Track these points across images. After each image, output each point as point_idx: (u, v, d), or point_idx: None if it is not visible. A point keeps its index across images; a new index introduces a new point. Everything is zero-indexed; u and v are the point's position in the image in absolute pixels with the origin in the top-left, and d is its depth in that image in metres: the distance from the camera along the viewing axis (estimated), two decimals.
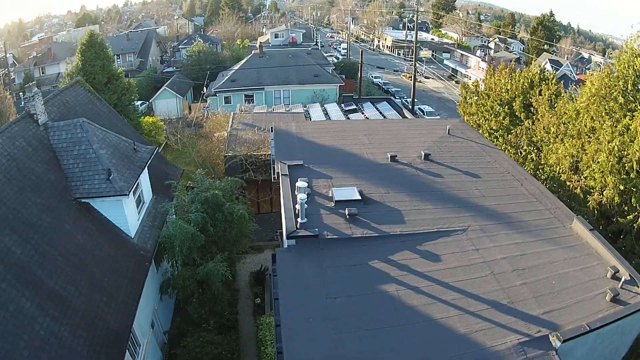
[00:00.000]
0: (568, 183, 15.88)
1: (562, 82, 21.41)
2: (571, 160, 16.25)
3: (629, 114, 15.36)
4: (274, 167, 15.15)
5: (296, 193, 10.82)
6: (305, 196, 10.60)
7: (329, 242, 10.28)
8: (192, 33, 65.56)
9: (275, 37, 57.13)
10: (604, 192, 15.14)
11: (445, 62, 65.25)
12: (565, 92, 19.45)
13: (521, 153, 19.25)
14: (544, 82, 20.14)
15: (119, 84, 30.86)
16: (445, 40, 62.26)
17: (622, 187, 14.92)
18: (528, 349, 7.90)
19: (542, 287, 9.52)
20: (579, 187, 15.51)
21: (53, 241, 12.37)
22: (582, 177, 15.72)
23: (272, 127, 18.23)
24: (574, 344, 8.30)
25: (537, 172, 18.02)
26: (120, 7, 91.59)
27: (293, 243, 10.19)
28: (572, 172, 16.18)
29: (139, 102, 39.11)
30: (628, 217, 14.39)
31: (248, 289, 21.13)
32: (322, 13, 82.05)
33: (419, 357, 7.53)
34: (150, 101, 42.05)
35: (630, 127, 14.76)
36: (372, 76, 59.38)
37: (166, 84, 41.46)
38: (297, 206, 10.57)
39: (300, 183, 10.94)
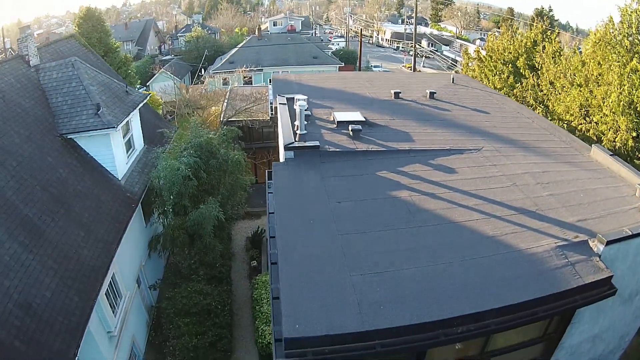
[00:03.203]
0: (579, 127, 14.68)
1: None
2: (580, 107, 15.08)
3: (636, 56, 14.28)
4: (271, 105, 13.84)
5: (295, 105, 9.51)
6: (305, 104, 9.31)
7: (331, 155, 8.98)
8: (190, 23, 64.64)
9: (274, 25, 55.85)
10: (617, 138, 13.99)
11: (445, 52, 64.04)
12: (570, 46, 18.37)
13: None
14: (546, 40, 19.04)
15: (116, 57, 29.59)
16: (444, 33, 61.21)
17: (634, 134, 13.81)
18: (568, 252, 6.60)
19: (571, 198, 8.27)
20: (591, 130, 14.32)
21: (32, 170, 11.15)
22: (593, 121, 14.53)
23: (270, 79, 16.95)
24: (616, 252, 7.00)
25: None
26: (119, 7, 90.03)
27: (291, 156, 8.88)
28: (582, 117, 15.00)
29: (138, 87, 37.89)
30: None
31: (244, 253, 19.73)
32: (322, 10, 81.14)
33: (443, 257, 6.19)
34: (147, 84, 40.67)
35: (639, 69, 13.69)
36: (372, 65, 57.48)
37: (164, 66, 40.13)
38: (297, 113, 9.22)
39: (300, 96, 9.65)
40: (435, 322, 5.07)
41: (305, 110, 10.32)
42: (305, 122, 9.66)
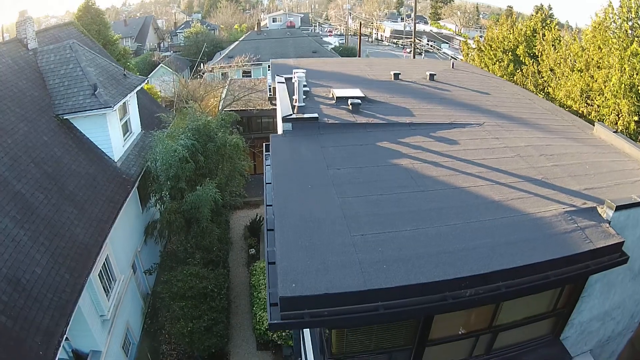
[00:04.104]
0: (581, 111, 14.33)
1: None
2: (582, 92, 14.74)
3: (636, 40, 13.97)
4: (270, 87, 13.46)
5: (293, 78, 9.14)
6: (303, 76, 8.95)
7: (330, 126, 8.62)
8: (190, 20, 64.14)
9: (274, 22, 55.39)
10: (619, 121, 13.67)
11: (444, 50, 63.50)
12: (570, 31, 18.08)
13: None
14: (546, 28, 18.71)
15: (115, 49, 29.17)
16: (443, 31, 60.68)
17: (636, 118, 13.50)
18: (577, 218, 6.22)
19: (576, 169, 7.91)
20: (592, 114, 13.99)
21: (27, 148, 10.89)
22: (594, 105, 14.20)
23: (269, 65, 16.57)
24: (626, 220, 6.61)
25: None
26: (119, 7, 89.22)
27: (289, 127, 8.51)
28: (584, 102, 14.66)
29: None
30: None
31: (242, 242, 19.38)
32: (321, 9, 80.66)
33: (448, 219, 5.82)
34: (147, 79, 40.14)
35: (639, 52, 13.39)
36: None
37: (163, 61, 39.62)
38: (295, 86, 8.85)
39: (298, 69, 9.27)
40: (442, 283, 4.70)
41: (304, 86, 9.99)
42: (304, 97, 9.30)
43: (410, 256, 5.00)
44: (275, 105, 11.97)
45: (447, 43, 65.26)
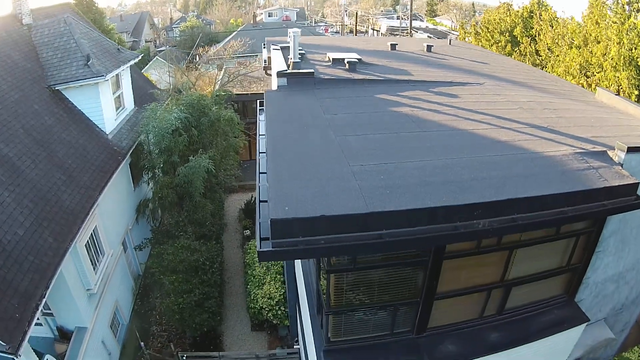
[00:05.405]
0: (581, 84, 13.95)
1: None
2: (580, 68, 14.37)
3: (634, 13, 13.63)
4: (265, 60, 12.96)
5: (289, 35, 8.64)
6: (299, 32, 8.43)
7: (327, 82, 8.13)
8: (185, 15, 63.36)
9: (269, 16, 54.85)
10: (620, 95, 13.29)
11: None
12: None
13: None
14: (542, 9, 18.38)
15: (110, 38, 28.43)
16: (439, 27, 60.32)
17: (637, 92, 13.14)
18: (589, 159, 5.75)
19: (581, 121, 7.46)
20: (592, 85, 13.61)
21: (17, 115, 10.48)
22: (594, 79, 13.82)
23: (264, 44, 16.04)
24: (637, 165, 6.15)
25: None
26: (115, 7, 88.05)
27: (284, 83, 8.01)
28: (583, 76, 14.29)
29: None
30: None
31: (237, 224, 18.82)
32: (317, 7, 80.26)
33: (453, 154, 5.30)
34: (142, 71, 39.47)
35: (637, 26, 13.04)
36: None
37: (158, 54, 38.92)
38: (290, 43, 8.35)
39: (293, 28, 8.78)
40: (453, 209, 4.18)
41: (300, 50, 9.49)
42: (300, 59, 8.79)
43: (416, 183, 4.49)
44: (270, 75, 11.48)
45: (443, 39, 64.92)
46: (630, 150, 5.89)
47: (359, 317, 5.57)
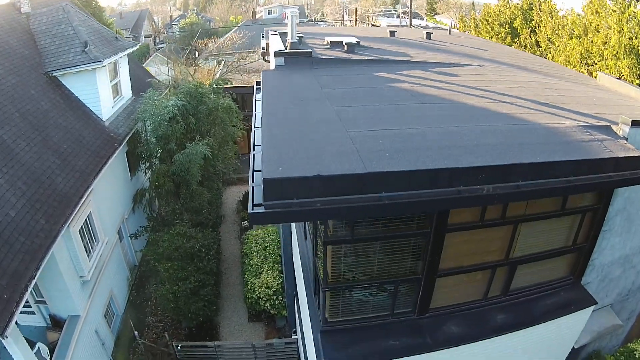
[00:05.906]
0: (581, 72, 13.80)
1: None
2: (581, 57, 14.23)
3: (633, 2, 13.51)
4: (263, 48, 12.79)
5: (286, 15, 8.45)
6: (297, 11, 8.25)
7: (325, 61, 7.96)
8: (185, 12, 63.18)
9: (269, 13, 54.66)
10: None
11: None
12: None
13: None
14: (542, 0, 18.26)
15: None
16: (439, 25, 60.06)
17: (638, 81, 12.98)
18: (593, 132, 5.57)
19: (584, 100, 7.28)
20: (593, 74, 13.46)
21: (13, 99, 10.33)
22: (595, 67, 13.68)
23: (262, 34, 15.88)
24: None
25: None
26: (115, 7, 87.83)
27: (282, 62, 7.82)
28: (584, 65, 14.15)
29: None
30: None
31: (235, 215, 18.61)
32: (317, 5, 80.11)
33: (456, 123, 5.11)
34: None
35: (637, 15, 12.92)
36: None
37: (158, 50, 38.73)
38: (288, 23, 8.17)
39: (290, 8, 8.58)
40: (455, 172, 3.98)
41: (297, 34, 9.32)
42: (298, 39, 8.61)
43: (417, 147, 4.30)
44: (269, 61, 11.29)
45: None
46: (635, 124, 5.72)
47: (358, 296, 5.38)
